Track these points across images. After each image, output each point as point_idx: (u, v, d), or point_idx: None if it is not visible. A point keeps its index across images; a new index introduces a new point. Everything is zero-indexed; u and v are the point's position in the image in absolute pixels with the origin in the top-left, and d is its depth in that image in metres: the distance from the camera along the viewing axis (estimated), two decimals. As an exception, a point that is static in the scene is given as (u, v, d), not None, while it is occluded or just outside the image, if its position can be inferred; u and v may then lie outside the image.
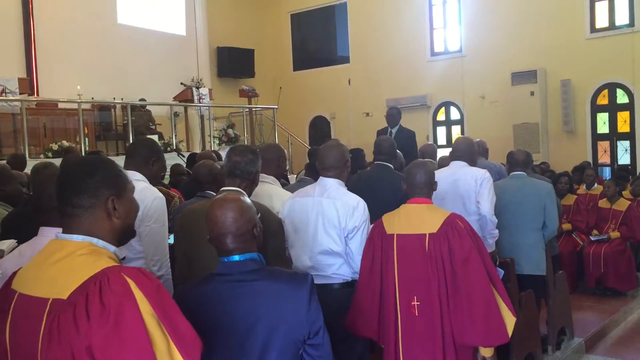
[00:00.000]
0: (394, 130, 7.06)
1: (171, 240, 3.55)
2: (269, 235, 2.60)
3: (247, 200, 2.13)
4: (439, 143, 13.94)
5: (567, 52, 11.88)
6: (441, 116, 14.13)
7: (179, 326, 1.47)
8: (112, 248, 1.61)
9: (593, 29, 11.90)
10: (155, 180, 3.07)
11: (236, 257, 1.99)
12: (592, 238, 7.28)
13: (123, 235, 1.68)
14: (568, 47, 11.85)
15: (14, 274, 1.66)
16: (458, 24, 13.64)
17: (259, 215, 2.14)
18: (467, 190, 4.23)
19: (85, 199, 1.59)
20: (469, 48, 13.25)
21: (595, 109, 12.07)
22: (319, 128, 15.54)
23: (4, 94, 8.68)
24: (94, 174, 1.61)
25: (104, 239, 1.60)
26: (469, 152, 4.45)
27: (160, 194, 3.05)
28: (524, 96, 12.19)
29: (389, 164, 4.46)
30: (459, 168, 4.35)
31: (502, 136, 11.93)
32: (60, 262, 1.52)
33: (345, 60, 15.30)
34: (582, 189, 8.17)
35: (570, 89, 11.98)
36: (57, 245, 1.57)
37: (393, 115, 7.17)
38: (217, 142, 11.62)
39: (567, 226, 7.37)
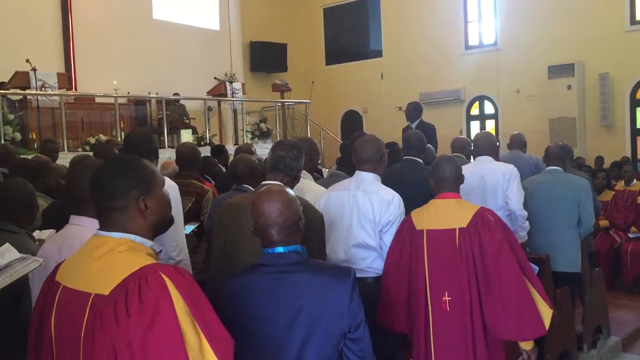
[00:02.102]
0: (413, 125, 7.07)
1: (187, 230, 3.62)
2: (314, 230, 2.63)
3: (292, 192, 2.15)
4: (472, 138, 13.78)
5: (605, 45, 11.59)
6: (475, 110, 13.96)
7: (211, 323, 1.52)
8: (149, 243, 1.68)
9: (633, 20, 11.59)
10: None
11: (280, 249, 2.01)
12: (630, 235, 7.12)
13: (158, 228, 1.73)
14: (607, 39, 11.56)
15: (58, 266, 1.73)
16: (493, 17, 13.45)
17: (302, 208, 2.15)
18: (494, 185, 4.22)
19: (117, 201, 1.65)
20: (505, 41, 13.04)
21: (635, 103, 11.78)
22: (351, 122, 15.51)
23: (43, 89, 8.89)
24: (120, 176, 1.66)
25: (140, 235, 1.66)
26: (492, 146, 4.47)
27: (174, 183, 3.12)
28: (561, 90, 11.96)
29: (418, 159, 4.46)
30: (485, 163, 4.33)
31: (538, 131, 11.72)
32: (102, 257, 1.59)
33: (378, 54, 15.24)
34: (620, 185, 7.98)
35: (608, 83, 11.70)
36: (99, 241, 1.64)
37: (409, 110, 7.22)
38: (249, 136, 11.69)
39: (604, 223, 7.23)
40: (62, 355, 1.59)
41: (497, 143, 4.65)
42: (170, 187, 2.96)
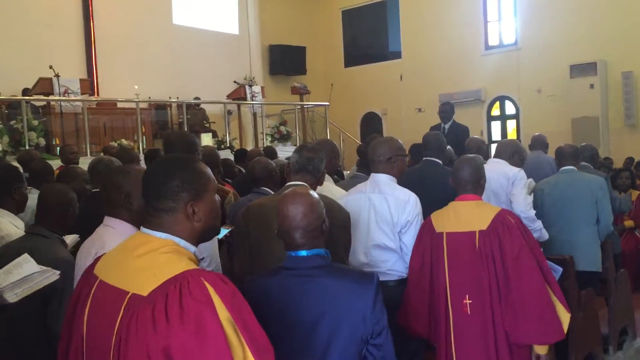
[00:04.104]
0: (446, 126, 6.99)
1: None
2: (341, 229, 2.62)
3: (316, 195, 2.12)
4: (494, 138, 13.70)
5: (628, 43, 11.43)
6: (496, 111, 13.86)
7: (254, 332, 1.47)
8: (193, 249, 1.63)
9: (657, 17, 11.42)
10: None
11: (304, 253, 2.01)
12: (656, 235, 7.00)
13: (203, 235, 1.68)
14: (630, 37, 11.40)
15: (98, 259, 1.71)
16: (513, 16, 13.34)
17: (327, 208, 2.14)
18: (496, 188, 4.21)
19: (166, 202, 1.61)
20: (525, 40, 12.93)
21: (660, 102, 11.60)
22: (371, 124, 15.49)
23: (66, 95, 9.02)
24: (172, 178, 1.62)
25: (184, 239, 1.62)
26: (509, 152, 4.49)
27: None
28: (583, 89, 11.82)
29: (437, 160, 4.44)
30: (493, 165, 4.33)
31: (560, 131, 11.58)
32: (143, 256, 1.55)
33: (397, 55, 15.20)
34: (645, 185, 7.85)
35: (632, 81, 11.54)
36: (143, 239, 1.61)
37: (446, 111, 7.11)
38: (269, 139, 11.74)
39: (629, 223, 7.12)
40: (91, 351, 1.57)
41: (521, 152, 4.63)
42: None
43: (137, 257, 1.56)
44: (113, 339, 1.47)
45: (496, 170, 4.25)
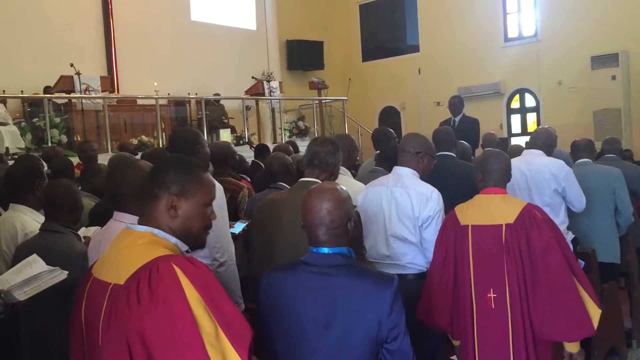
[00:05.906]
0: (457, 119, 6.99)
1: (236, 229, 3.61)
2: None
3: (345, 191, 2.07)
4: (514, 131, 13.57)
5: (651, 33, 11.23)
6: (515, 104, 13.71)
7: (226, 312, 1.52)
8: (174, 239, 1.69)
9: (681, 7, 11.20)
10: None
11: (325, 250, 1.98)
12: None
13: (184, 238, 1.72)
14: (653, 27, 11.20)
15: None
16: (533, 7, 13.17)
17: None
18: (540, 181, 4.09)
19: (155, 187, 1.70)
20: (545, 32, 12.76)
21: (684, 92, 11.38)
22: (389, 118, 15.43)
23: (87, 92, 9.12)
24: (169, 169, 1.72)
25: (165, 231, 1.68)
26: (547, 143, 4.32)
27: (217, 182, 3.12)
28: (605, 81, 11.64)
29: (451, 153, 4.41)
30: (533, 157, 4.22)
31: (582, 123, 11.45)
32: (124, 250, 1.65)
33: (415, 49, 15.11)
34: (669, 177, 7.72)
35: (655, 72, 11.34)
36: (125, 233, 1.71)
37: (455, 104, 7.12)
38: (287, 134, 11.77)
39: (652, 216, 7.02)
40: (90, 344, 1.66)
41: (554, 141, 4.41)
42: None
43: (119, 251, 1.66)
44: (100, 327, 1.57)
45: (538, 162, 4.15)
